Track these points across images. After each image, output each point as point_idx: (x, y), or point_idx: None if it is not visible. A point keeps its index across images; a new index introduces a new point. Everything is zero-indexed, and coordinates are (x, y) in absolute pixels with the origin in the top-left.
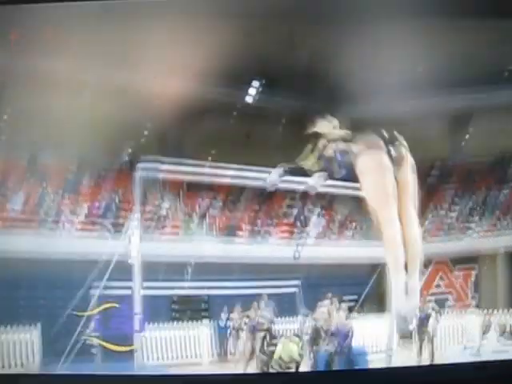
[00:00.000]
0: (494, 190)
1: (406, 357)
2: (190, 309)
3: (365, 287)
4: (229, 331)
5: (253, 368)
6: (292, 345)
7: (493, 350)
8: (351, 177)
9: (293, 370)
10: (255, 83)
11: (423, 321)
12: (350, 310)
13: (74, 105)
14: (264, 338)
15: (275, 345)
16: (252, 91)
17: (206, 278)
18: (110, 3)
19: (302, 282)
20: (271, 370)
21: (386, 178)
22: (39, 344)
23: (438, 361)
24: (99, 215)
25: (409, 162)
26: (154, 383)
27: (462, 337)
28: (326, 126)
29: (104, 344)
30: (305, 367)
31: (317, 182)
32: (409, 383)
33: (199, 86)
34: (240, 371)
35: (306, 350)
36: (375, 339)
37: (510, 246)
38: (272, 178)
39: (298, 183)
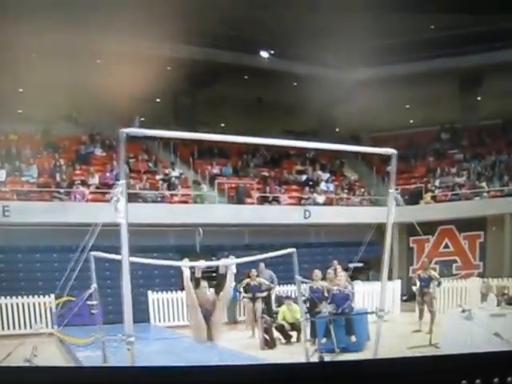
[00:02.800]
0: (503, 154)
1: (408, 319)
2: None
3: (372, 252)
4: (237, 294)
5: (258, 330)
6: (296, 306)
7: (490, 313)
8: None
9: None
10: (266, 47)
11: (426, 283)
12: (355, 274)
13: (86, 76)
14: (265, 300)
15: (279, 306)
16: (263, 55)
17: (215, 242)
18: None
19: (308, 247)
20: (274, 332)
21: None
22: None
23: (437, 324)
24: (110, 184)
25: None
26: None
27: (462, 300)
28: None
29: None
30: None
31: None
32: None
33: (210, 50)
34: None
35: (306, 311)
36: (374, 301)
37: None
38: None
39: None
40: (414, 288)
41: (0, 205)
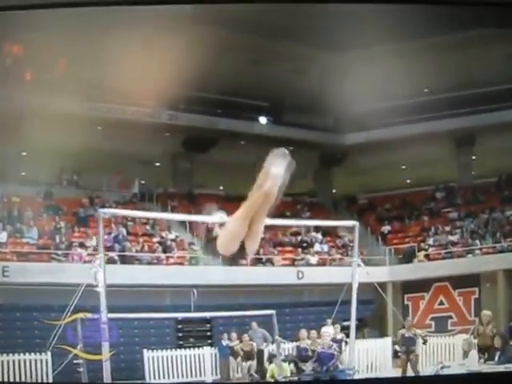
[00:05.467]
0: (496, 212)
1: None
2: (194, 330)
3: (367, 310)
4: (230, 352)
5: None
6: (284, 365)
7: (467, 369)
8: None
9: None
10: (262, 113)
11: (411, 341)
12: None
13: (87, 141)
14: (258, 360)
15: (270, 363)
16: (260, 121)
17: (210, 302)
18: None
19: (302, 306)
20: None
21: None
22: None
23: None
24: (107, 247)
25: None
26: None
27: (449, 357)
28: None
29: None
30: None
31: None
32: None
33: (207, 118)
34: None
35: (294, 369)
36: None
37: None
38: None
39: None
40: (398, 347)
41: (0, 265)
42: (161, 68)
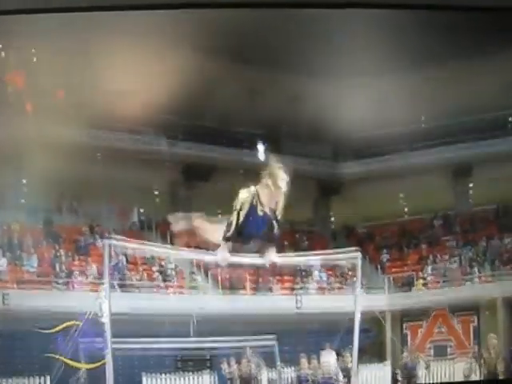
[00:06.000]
0: (495, 239)
1: None
2: (193, 359)
3: (366, 339)
4: (228, 381)
5: None
6: None
7: None
8: None
9: None
10: (260, 142)
11: (413, 368)
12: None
13: (85, 168)
14: None
15: None
16: (258, 149)
17: (210, 331)
18: None
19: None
20: None
21: None
22: None
23: None
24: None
25: None
26: None
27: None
28: None
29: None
30: None
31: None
32: None
33: (206, 146)
34: None
35: None
36: None
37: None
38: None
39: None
40: (398, 375)
41: (0, 293)
42: (160, 96)
